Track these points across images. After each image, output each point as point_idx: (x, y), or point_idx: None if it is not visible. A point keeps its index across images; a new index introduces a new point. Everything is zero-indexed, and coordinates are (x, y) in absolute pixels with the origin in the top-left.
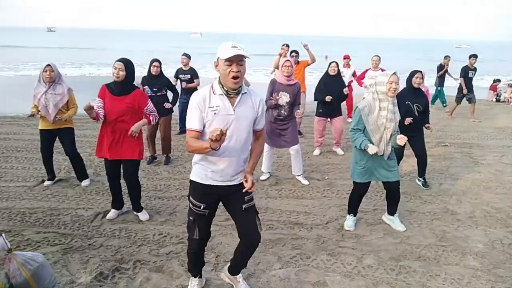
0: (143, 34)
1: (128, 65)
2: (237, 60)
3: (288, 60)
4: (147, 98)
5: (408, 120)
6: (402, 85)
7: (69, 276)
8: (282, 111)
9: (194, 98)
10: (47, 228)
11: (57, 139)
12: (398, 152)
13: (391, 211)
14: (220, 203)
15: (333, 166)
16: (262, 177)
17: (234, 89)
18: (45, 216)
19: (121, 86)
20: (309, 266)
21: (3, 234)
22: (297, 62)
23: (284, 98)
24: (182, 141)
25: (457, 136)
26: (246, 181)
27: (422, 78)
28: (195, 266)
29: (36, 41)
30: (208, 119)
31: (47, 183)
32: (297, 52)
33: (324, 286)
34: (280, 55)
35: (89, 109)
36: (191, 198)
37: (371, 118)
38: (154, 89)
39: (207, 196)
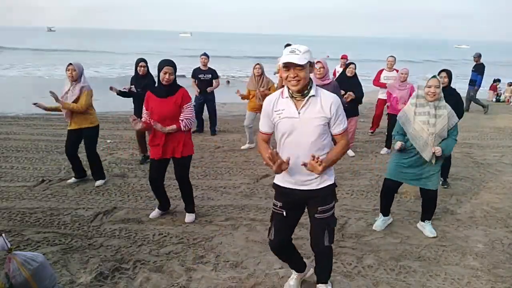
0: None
1: (175, 67)
2: (294, 66)
3: (319, 62)
4: (190, 98)
5: None
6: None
7: (69, 276)
8: None
9: (264, 104)
10: (47, 228)
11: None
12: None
13: (424, 217)
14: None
15: (333, 166)
16: None
17: (298, 92)
18: (45, 216)
19: (169, 88)
20: (309, 266)
21: (3, 234)
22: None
23: None
24: None
25: None
26: (316, 162)
27: (449, 77)
28: (285, 261)
29: (36, 41)
30: (275, 122)
31: (69, 181)
32: None
33: None
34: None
35: (138, 128)
36: (273, 198)
37: (409, 125)
38: (139, 89)
39: (283, 196)
